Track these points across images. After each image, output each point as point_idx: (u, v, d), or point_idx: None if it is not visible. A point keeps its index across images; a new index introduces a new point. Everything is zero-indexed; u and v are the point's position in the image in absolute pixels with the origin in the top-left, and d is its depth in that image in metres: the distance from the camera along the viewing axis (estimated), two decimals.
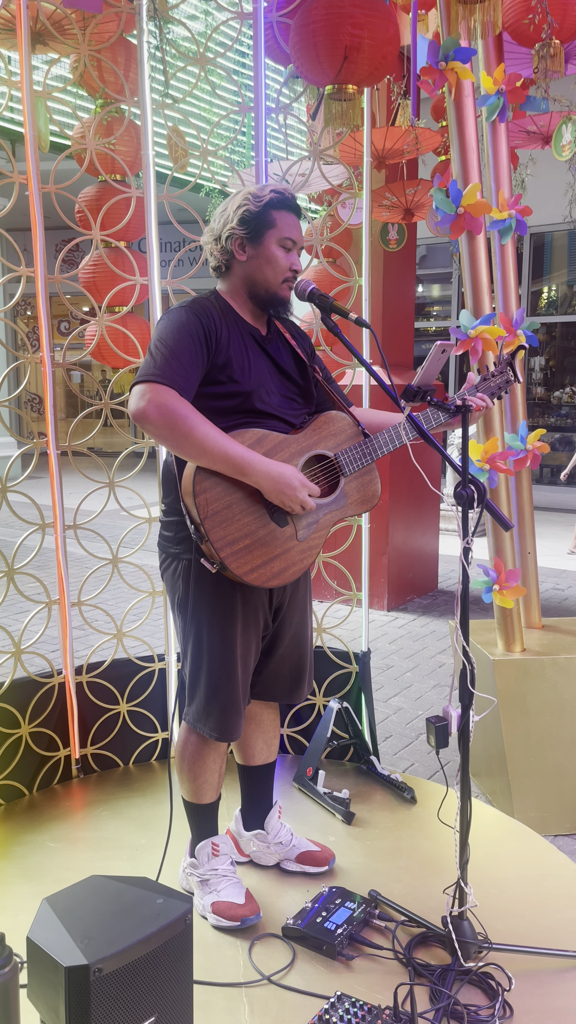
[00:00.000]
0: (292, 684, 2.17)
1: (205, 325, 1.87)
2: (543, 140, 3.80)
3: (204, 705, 2.00)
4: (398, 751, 3.44)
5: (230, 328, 1.93)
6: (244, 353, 1.94)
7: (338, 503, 1.98)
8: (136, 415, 1.77)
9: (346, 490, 1.99)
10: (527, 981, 1.87)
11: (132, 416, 1.79)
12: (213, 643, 1.96)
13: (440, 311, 11.35)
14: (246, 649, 2.00)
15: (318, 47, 2.43)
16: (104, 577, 5.59)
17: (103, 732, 2.91)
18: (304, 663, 2.18)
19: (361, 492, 2.02)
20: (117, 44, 2.79)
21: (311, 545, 1.94)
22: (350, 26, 2.39)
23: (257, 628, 2.02)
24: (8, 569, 2.66)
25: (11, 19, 2.59)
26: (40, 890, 2.19)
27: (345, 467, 1.97)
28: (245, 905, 2.07)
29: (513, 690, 2.78)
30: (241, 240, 1.94)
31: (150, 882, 1.61)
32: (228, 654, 1.97)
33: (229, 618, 1.95)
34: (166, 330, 1.86)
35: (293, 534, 1.91)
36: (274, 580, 1.89)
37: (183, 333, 1.84)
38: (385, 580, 5.56)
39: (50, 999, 1.42)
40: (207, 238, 2.01)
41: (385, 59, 2.46)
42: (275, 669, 2.14)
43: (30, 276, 2.61)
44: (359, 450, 1.97)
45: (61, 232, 11.17)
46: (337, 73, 2.44)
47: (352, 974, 1.90)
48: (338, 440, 1.99)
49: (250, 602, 1.98)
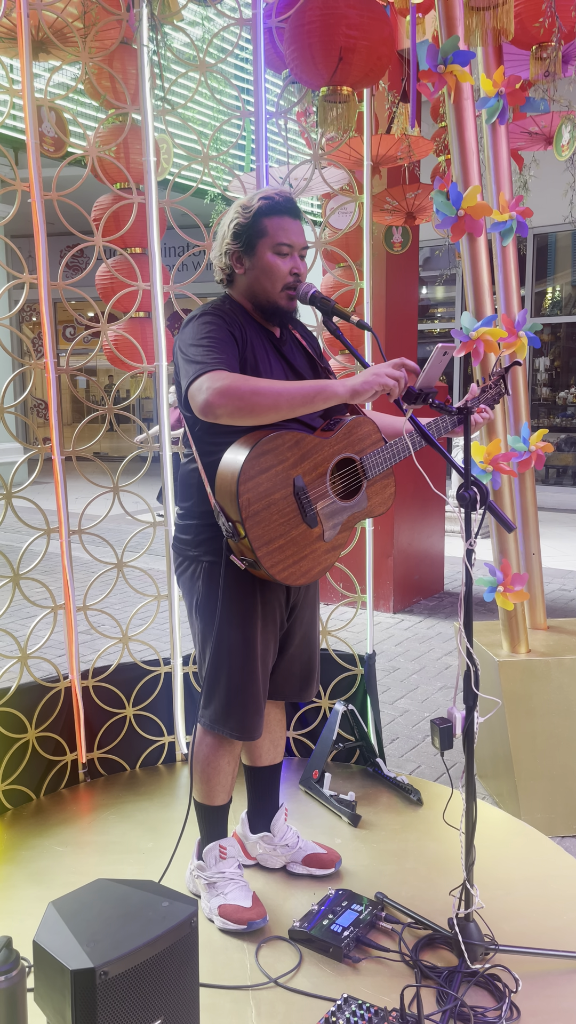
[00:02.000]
0: (303, 682, 2.20)
1: (229, 323, 1.89)
2: (545, 141, 3.80)
3: (225, 705, 2.01)
4: (404, 753, 3.44)
5: (247, 329, 1.94)
6: (264, 354, 1.95)
7: (360, 505, 2.02)
8: (204, 410, 1.75)
9: (368, 493, 2.03)
10: (534, 983, 1.86)
11: (201, 414, 1.77)
12: (235, 642, 1.98)
13: (444, 312, 11.34)
14: (265, 648, 2.02)
15: (313, 48, 2.41)
16: (109, 581, 5.59)
17: (109, 736, 2.91)
18: (314, 661, 2.21)
19: (380, 495, 2.07)
20: (118, 51, 2.80)
21: (335, 545, 1.97)
22: (345, 27, 2.38)
23: (275, 627, 2.04)
24: (14, 574, 2.67)
25: (12, 27, 2.61)
26: (47, 894, 2.19)
27: (369, 471, 2.00)
28: (252, 908, 2.07)
29: (519, 691, 2.78)
30: (237, 254, 1.95)
31: (156, 885, 1.61)
32: (249, 653, 1.98)
33: (250, 618, 1.97)
34: (195, 333, 1.86)
35: (321, 535, 1.93)
36: (302, 579, 1.91)
37: (213, 328, 1.85)
38: (391, 582, 5.56)
39: (57, 1003, 1.43)
40: (213, 255, 2.03)
41: (380, 61, 2.45)
42: (287, 667, 2.16)
43: (33, 283, 2.62)
44: (381, 455, 2.01)
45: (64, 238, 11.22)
46: (332, 75, 2.43)
47: (359, 976, 1.90)
48: (364, 445, 2.02)
49: (269, 601, 2.00)
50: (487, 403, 2.12)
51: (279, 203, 1.93)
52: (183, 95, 4.49)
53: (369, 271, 2.94)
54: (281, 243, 1.92)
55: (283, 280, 1.93)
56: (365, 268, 2.93)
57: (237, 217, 1.94)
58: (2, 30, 2.65)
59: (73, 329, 14.32)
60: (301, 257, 1.97)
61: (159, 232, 2.77)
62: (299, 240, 1.95)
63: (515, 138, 3.50)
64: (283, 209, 1.93)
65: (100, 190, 2.90)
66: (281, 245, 1.92)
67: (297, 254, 1.95)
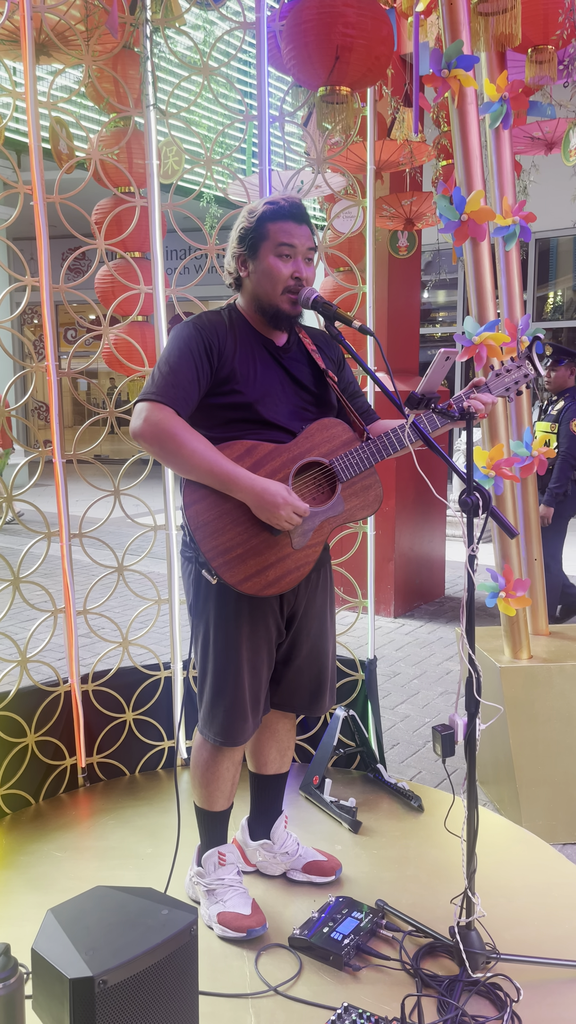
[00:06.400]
0: (312, 696, 2.16)
1: (207, 339, 1.91)
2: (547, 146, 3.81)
3: (209, 708, 2.01)
4: (405, 759, 3.42)
5: (238, 340, 1.95)
6: (252, 364, 1.95)
7: (335, 510, 1.96)
8: (132, 434, 1.86)
9: (344, 496, 1.97)
10: (536, 992, 1.85)
11: (131, 435, 1.88)
12: (218, 646, 1.97)
13: (446, 316, 11.35)
14: (254, 654, 1.99)
15: (309, 47, 2.39)
16: (110, 585, 5.58)
17: (109, 741, 2.90)
18: (324, 676, 2.16)
19: (361, 497, 2.00)
20: (121, 55, 2.80)
21: (307, 553, 1.94)
22: (342, 25, 2.36)
23: (267, 633, 2.01)
24: (14, 578, 2.66)
25: (15, 30, 2.61)
26: (46, 900, 2.18)
27: (341, 473, 1.95)
28: (251, 916, 2.06)
29: (520, 697, 2.77)
30: (243, 258, 1.97)
31: (155, 892, 1.60)
32: (232, 657, 1.97)
33: (233, 622, 1.96)
34: (170, 347, 1.92)
35: (288, 542, 1.90)
36: (270, 589, 1.89)
37: (184, 349, 1.89)
38: (392, 587, 5.55)
39: (55, 1011, 1.41)
40: (225, 261, 2.05)
41: (379, 60, 2.43)
42: (294, 680, 2.13)
43: (35, 285, 2.62)
44: (356, 455, 1.95)
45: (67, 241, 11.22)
46: (329, 74, 2.41)
47: (359, 985, 1.89)
48: (332, 446, 1.97)
49: (257, 607, 1.98)
50: (509, 387, 1.97)
51: (283, 207, 1.93)
52: (186, 99, 4.50)
53: (372, 275, 2.93)
54: (282, 243, 1.91)
55: (284, 283, 1.92)
56: (368, 272, 2.93)
57: (243, 222, 1.96)
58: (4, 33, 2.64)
59: (75, 332, 14.34)
60: (307, 261, 1.95)
61: (160, 235, 2.77)
62: (302, 243, 1.93)
63: (516, 142, 3.50)
64: (286, 213, 1.93)
65: (103, 193, 2.89)
66: (282, 246, 1.91)
67: (301, 258, 1.94)
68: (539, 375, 2.02)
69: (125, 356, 2.90)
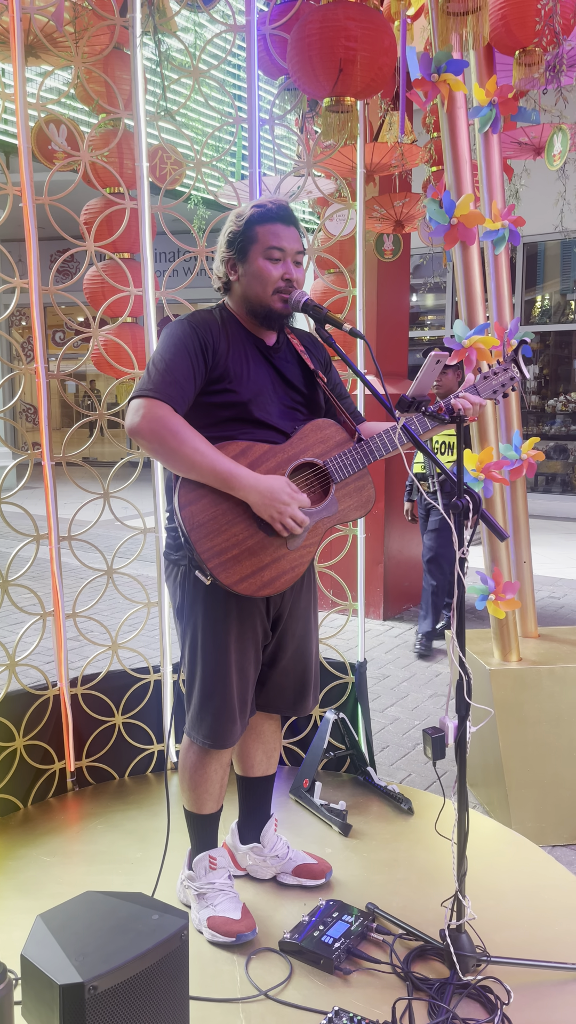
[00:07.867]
0: (296, 697, 2.16)
1: (202, 337, 1.90)
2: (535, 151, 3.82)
3: (198, 711, 2.01)
4: (395, 761, 3.43)
5: (231, 339, 1.95)
6: (244, 363, 1.95)
7: (329, 510, 1.97)
8: (130, 430, 1.82)
9: (338, 496, 1.98)
10: (526, 994, 1.85)
11: (127, 431, 1.84)
12: (207, 649, 1.97)
13: (434, 320, 11.38)
14: (242, 656, 1.99)
15: (313, 60, 2.43)
16: (99, 588, 5.57)
17: (98, 744, 2.89)
18: (308, 676, 2.17)
19: (354, 498, 2.01)
20: (111, 56, 2.79)
21: (302, 553, 1.94)
22: (344, 39, 2.39)
23: (255, 636, 2.01)
24: (2, 581, 2.64)
25: (4, 31, 2.60)
26: (35, 905, 2.16)
27: (335, 474, 1.96)
28: (241, 921, 2.05)
29: (510, 700, 2.77)
30: (232, 261, 1.97)
31: (145, 897, 1.59)
32: (221, 659, 1.96)
33: (222, 624, 1.96)
34: (164, 344, 1.90)
35: (283, 543, 1.90)
36: (265, 589, 1.89)
37: (179, 346, 1.88)
38: (381, 589, 5.55)
39: (45, 1017, 1.40)
40: (214, 265, 2.05)
41: (381, 71, 2.47)
42: (278, 681, 2.13)
43: (24, 287, 2.60)
44: (349, 456, 1.96)
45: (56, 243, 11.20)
46: (333, 86, 2.45)
47: (350, 988, 1.89)
48: (326, 447, 1.98)
49: (245, 608, 1.97)
50: (496, 390, 1.99)
51: (271, 210, 1.93)
52: (176, 101, 4.50)
53: (362, 278, 2.94)
54: (271, 247, 1.91)
55: (273, 284, 1.93)
56: (358, 275, 2.93)
57: (231, 226, 1.96)
58: None
59: (63, 333, 14.29)
60: (296, 263, 1.96)
61: (150, 237, 2.76)
62: (291, 245, 1.94)
63: (504, 147, 3.51)
64: (275, 216, 1.93)
65: (91, 195, 2.89)
66: (271, 249, 1.92)
67: (290, 260, 1.94)
68: (526, 378, 2.03)
69: (114, 358, 2.89)
